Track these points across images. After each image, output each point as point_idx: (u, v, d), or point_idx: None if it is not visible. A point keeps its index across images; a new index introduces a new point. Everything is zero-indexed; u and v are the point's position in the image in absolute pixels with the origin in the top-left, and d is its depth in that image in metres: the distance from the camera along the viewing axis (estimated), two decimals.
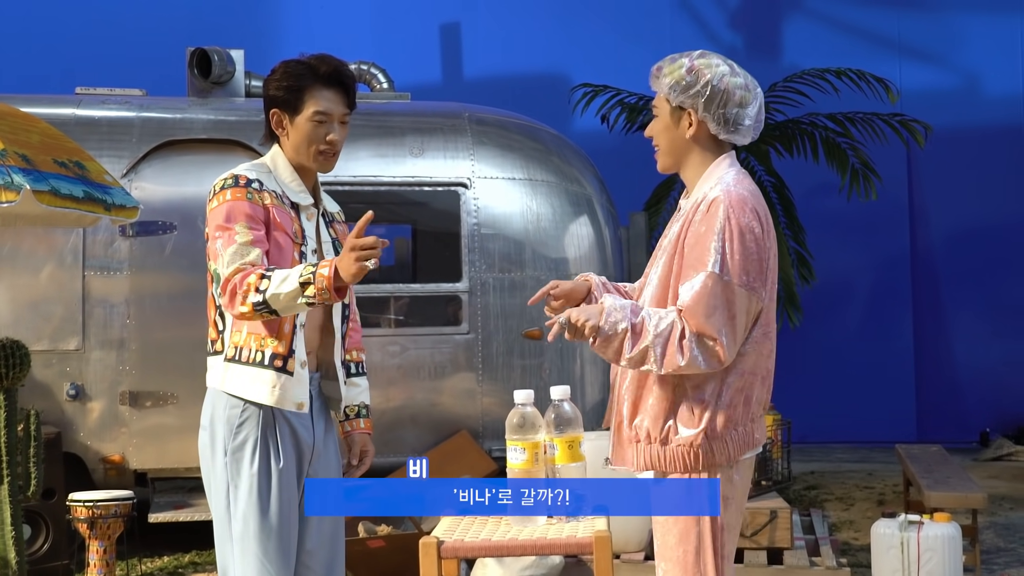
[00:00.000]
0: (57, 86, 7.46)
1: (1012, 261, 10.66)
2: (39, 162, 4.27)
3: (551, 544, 2.36)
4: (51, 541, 5.84)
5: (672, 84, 2.73)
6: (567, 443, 2.45)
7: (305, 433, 3.04)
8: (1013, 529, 6.71)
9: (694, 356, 2.53)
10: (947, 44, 10.88)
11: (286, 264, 2.94)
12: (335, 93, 3.08)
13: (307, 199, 3.10)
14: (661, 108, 2.78)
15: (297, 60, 3.11)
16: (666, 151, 2.81)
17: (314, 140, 3.05)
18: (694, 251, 2.61)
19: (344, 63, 3.14)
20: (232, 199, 2.95)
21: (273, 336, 2.96)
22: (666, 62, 2.78)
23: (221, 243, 2.89)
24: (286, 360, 2.97)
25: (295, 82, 3.05)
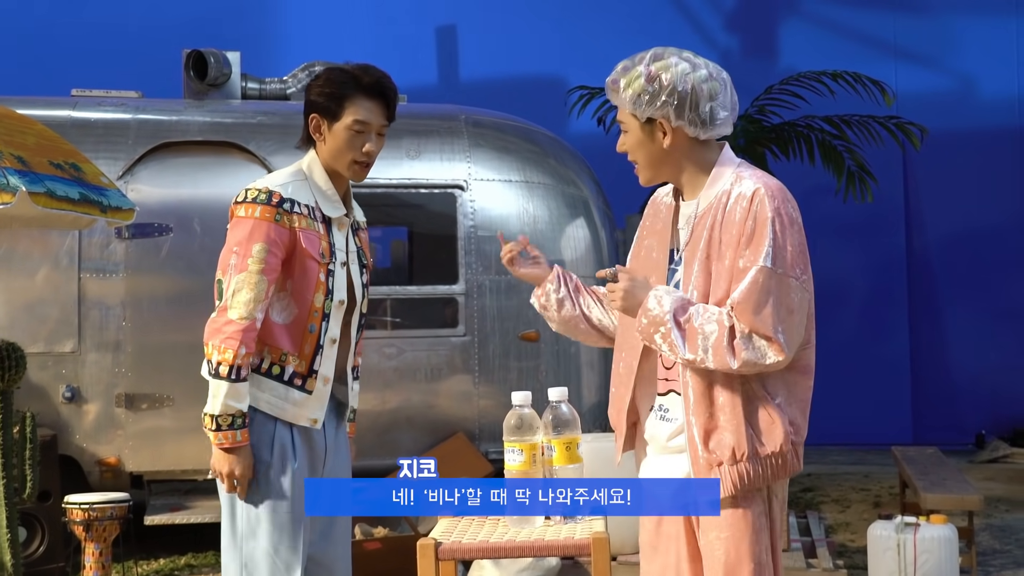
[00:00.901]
0: (53, 88, 7.44)
1: (1008, 263, 10.67)
2: (35, 164, 4.27)
3: (548, 546, 2.36)
4: (47, 544, 5.83)
5: (634, 98, 2.57)
6: (564, 444, 2.45)
7: (317, 436, 3.09)
8: (1009, 531, 6.72)
9: (748, 356, 2.45)
10: (943, 47, 10.90)
11: (310, 287, 3.00)
12: (376, 104, 3.10)
13: (340, 210, 3.12)
14: (629, 123, 2.63)
15: (341, 68, 3.13)
16: (646, 165, 2.67)
17: (351, 149, 3.07)
18: (743, 247, 2.49)
19: (387, 75, 3.17)
20: (260, 218, 2.97)
21: (295, 354, 3.00)
22: (620, 73, 2.62)
23: (235, 261, 2.95)
24: (305, 379, 3.03)
25: (337, 89, 3.07)
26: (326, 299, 3.04)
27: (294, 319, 3.00)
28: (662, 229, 2.71)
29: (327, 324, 3.05)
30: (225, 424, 2.91)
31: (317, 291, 3.02)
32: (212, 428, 2.93)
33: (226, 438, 2.92)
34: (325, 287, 3.03)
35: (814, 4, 11.20)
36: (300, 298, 3.00)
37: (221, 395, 2.90)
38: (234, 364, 2.90)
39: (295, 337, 3.00)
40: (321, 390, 3.06)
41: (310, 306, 3.01)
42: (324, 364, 3.06)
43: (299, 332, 3.01)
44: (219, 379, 2.91)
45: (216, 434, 2.92)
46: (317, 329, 3.03)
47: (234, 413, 2.92)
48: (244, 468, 2.95)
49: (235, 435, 2.93)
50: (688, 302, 2.53)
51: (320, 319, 3.03)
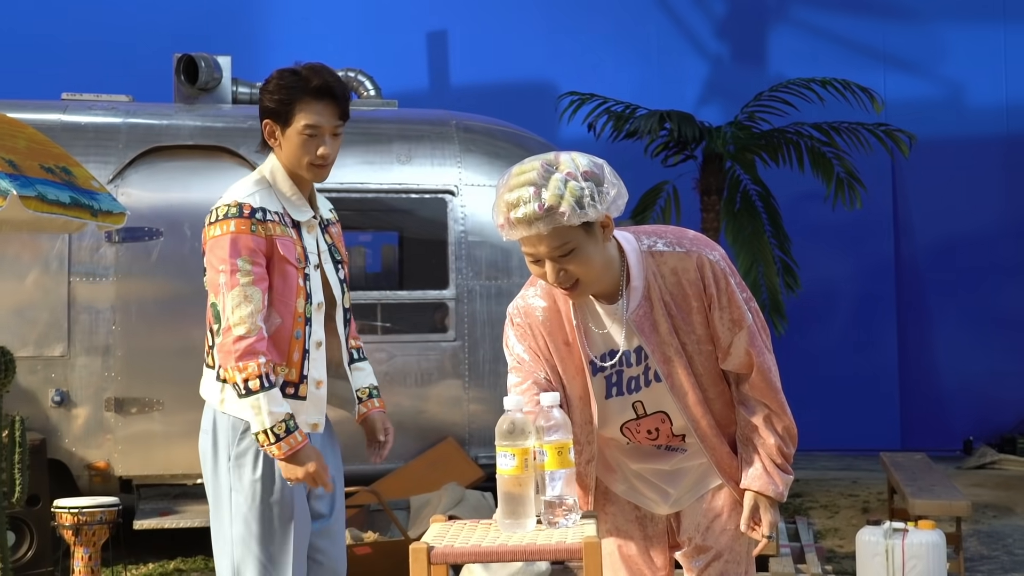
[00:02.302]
0: (43, 92, 7.43)
1: (996, 270, 10.71)
2: (26, 167, 4.26)
3: (540, 550, 2.37)
4: (36, 548, 5.82)
5: (576, 203, 2.35)
6: (557, 449, 2.45)
7: (312, 441, 3.08)
8: (996, 537, 6.74)
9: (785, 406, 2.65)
10: (931, 55, 10.95)
11: (292, 293, 2.99)
12: (326, 106, 3.07)
13: (307, 213, 3.12)
14: (572, 240, 2.39)
15: (291, 71, 3.11)
16: (594, 278, 2.48)
17: (306, 152, 3.05)
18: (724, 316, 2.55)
19: (336, 75, 3.15)
20: (236, 231, 2.95)
21: (283, 363, 3.01)
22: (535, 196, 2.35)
23: (224, 280, 2.92)
24: (298, 386, 3.03)
25: (286, 95, 3.05)
26: (307, 303, 3.04)
27: (279, 328, 2.99)
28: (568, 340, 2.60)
29: (311, 328, 3.05)
30: (282, 432, 2.88)
31: (299, 296, 3.02)
32: (272, 442, 2.88)
33: (289, 444, 2.89)
34: (304, 291, 3.04)
35: (804, 11, 11.24)
36: (283, 306, 2.99)
37: (265, 407, 2.87)
38: (261, 374, 2.88)
39: (281, 346, 2.99)
40: (315, 394, 3.06)
41: (294, 312, 3.01)
42: (314, 368, 3.06)
43: (285, 340, 3.00)
44: (253, 394, 2.87)
45: (279, 445, 2.88)
46: (303, 335, 3.03)
47: (284, 418, 2.89)
48: (317, 462, 2.92)
49: (295, 437, 2.90)
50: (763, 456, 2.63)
51: (304, 324, 3.03)
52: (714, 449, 2.67)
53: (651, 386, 2.61)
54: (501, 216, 2.40)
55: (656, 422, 2.66)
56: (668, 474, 2.75)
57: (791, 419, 2.65)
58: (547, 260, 2.43)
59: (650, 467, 2.76)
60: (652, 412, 2.65)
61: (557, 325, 2.62)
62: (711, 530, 2.75)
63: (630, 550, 2.80)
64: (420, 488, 6.20)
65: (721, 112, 9.90)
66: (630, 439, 2.72)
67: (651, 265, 2.55)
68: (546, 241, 2.39)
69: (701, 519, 2.76)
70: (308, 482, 2.94)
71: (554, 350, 2.62)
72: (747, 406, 2.64)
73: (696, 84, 11.13)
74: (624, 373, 2.61)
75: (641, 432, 2.68)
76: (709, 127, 8.61)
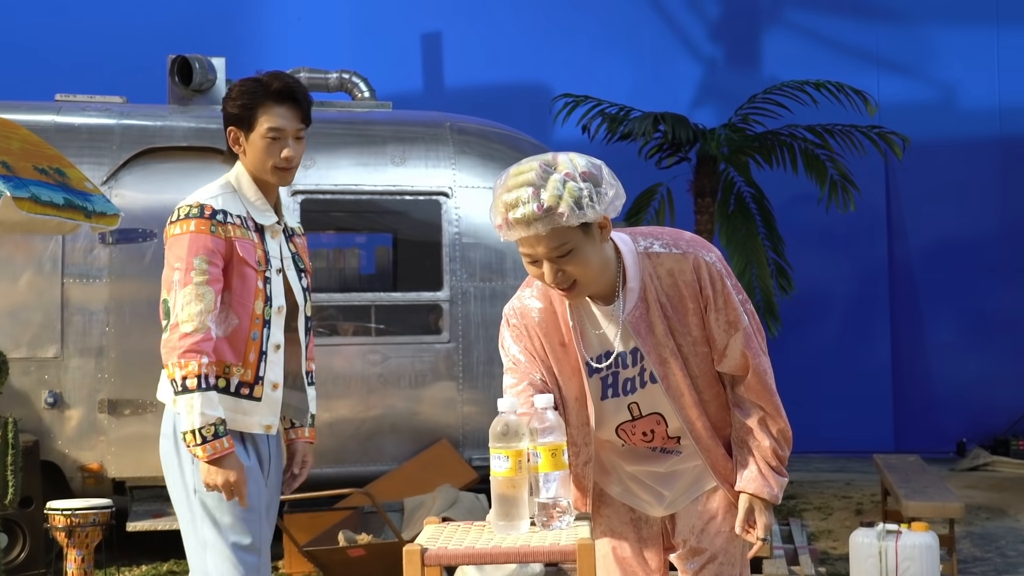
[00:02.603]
0: (37, 93, 7.42)
1: (989, 272, 10.74)
2: (19, 169, 4.26)
3: (534, 552, 2.37)
4: (28, 550, 5.80)
5: (575, 204, 2.35)
6: (550, 451, 2.45)
7: (263, 447, 3.13)
8: (989, 538, 6.75)
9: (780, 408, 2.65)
10: (925, 57, 10.97)
11: (250, 295, 3.03)
12: (288, 109, 3.11)
13: (271, 218, 3.15)
14: (571, 240, 2.38)
15: (252, 78, 3.15)
16: (591, 278, 2.48)
17: (269, 156, 3.10)
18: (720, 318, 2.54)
19: (297, 79, 3.19)
20: (196, 231, 3.01)
21: (238, 364, 3.03)
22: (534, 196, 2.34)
23: (178, 277, 2.98)
24: (252, 387, 3.05)
25: (248, 100, 3.10)
26: (266, 306, 3.07)
27: (235, 330, 3.02)
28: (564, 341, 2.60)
29: (269, 331, 3.08)
30: (210, 435, 2.91)
31: (257, 298, 3.05)
32: (198, 443, 2.91)
33: (214, 448, 2.92)
34: (264, 294, 3.06)
35: (797, 14, 11.25)
36: (241, 307, 3.02)
37: (197, 407, 2.90)
38: (200, 374, 2.91)
39: (237, 347, 3.02)
40: (271, 396, 3.08)
41: (251, 314, 3.04)
42: (270, 370, 3.08)
43: (241, 341, 3.02)
44: (189, 393, 2.91)
45: (204, 447, 2.91)
46: (260, 336, 3.05)
47: (214, 422, 2.92)
48: (238, 473, 2.96)
49: (221, 443, 2.93)
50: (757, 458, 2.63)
51: (262, 326, 3.06)
52: (709, 451, 2.67)
53: (647, 387, 2.61)
54: (499, 217, 2.39)
55: (651, 424, 2.66)
56: (663, 476, 2.75)
57: (786, 421, 2.65)
58: (545, 261, 2.42)
59: (645, 469, 2.76)
60: (647, 414, 2.65)
61: (553, 326, 2.61)
62: (706, 532, 2.75)
63: (624, 552, 2.80)
64: (414, 490, 6.20)
65: (715, 114, 9.91)
66: (625, 441, 2.71)
67: (647, 266, 2.55)
68: (544, 242, 2.38)
69: (696, 521, 2.76)
70: (225, 492, 2.95)
71: (550, 351, 2.62)
72: (742, 408, 2.64)
73: (690, 86, 11.14)
74: (620, 374, 2.61)
75: (636, 434, 2.68)
76: (703, 129, 8.62)
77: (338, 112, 7.21)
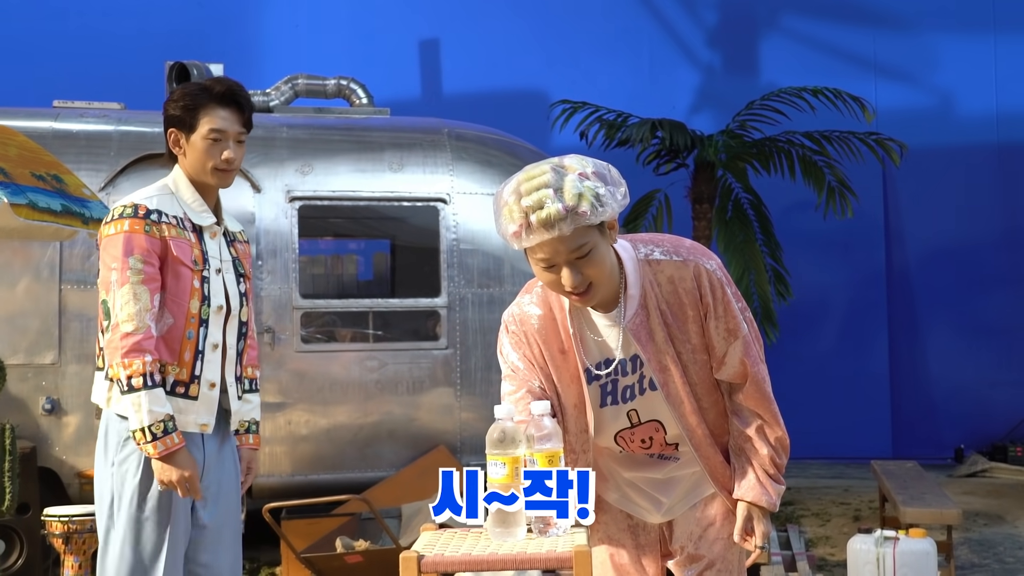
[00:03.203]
0: (35, 99, 7.42)
1: (986, 279, 10.74)
2: (17, 175, 4.26)
3: (531, 558, 2.37)
4: (25, 556, 5.79)
5: (595, 203, 2.35)
6: (547, 458, 2.45)
7: (195, 451, 3.10)
8: (987, 545, 6.75)
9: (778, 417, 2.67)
10: (922, 63, 10.99)
11: (185, 294, 3.04)
12: (230, 112, 3.15)
13: (209, 219, 3.17)
14: (590, 241, 2.38)
15: (194, 83, 3.20)
16: (605, 281, 2.47)
17: (210, 157, 3.13)
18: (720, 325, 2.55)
19: (240, 85, 3.23)
20: (130, 230, 3.03)
21: (174, 363, 3.04)
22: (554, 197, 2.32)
23: (116, 277, 2.99)
24: (188, 386, 3.06)
25: (191, 101, 3.14)
26: (203, 305, 3.09)
27: (170, 328, 3.04)
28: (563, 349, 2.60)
29: (206, 330, 3.10)
30: (160, 432, 2.92)
31: (193, 297, 3.06)
32: (148, 440, 2.92)
33: (165, 444, 2.93)
34: (201, 293, 3.08)
35: (795, 21, 11.27)
36: (176, 306, 3.04)
37: (145, 405, 2.92)
38: (145, 372, 2.93)
39: (172, 346, 3.03)
40: (207, 395, 3.09)
41: (187, 312, 3.06)
42: (207, 369, 3.10)
43: (177, 340, 3.04)
44: (135, 391, 2.92)
45: (154, 444, 2.92)
46: (196, 335, 3.07)
47: (163, 419, 2.93)
48: (191, 469, 2.97)
49: (172, 439, 2.94)
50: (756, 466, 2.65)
51: (198, 325, 3.08)
52: (708, 458, 2.67)
53: (646, 395, 2.62)
54: (517, 222, 2.34)
55: (650, 431, 2.67)
56: (661, 483, 2.75)
57: (784, 430, 2.66)
58: (565, 265, 2.39)
59: (643, 476, 2.76)
60: (646, 421, 2.65)
61: (552, 333, 2.61)
62: (704, 539, 2.75)
63: (622, 559, 2.81)
64: (411, 496, 6.20)
65: (713, 121, 9.92)
66: (623, 448, 2.72)
67: (648, 273, 2.55)
68: (567, 242, 2.36)
69: (694, 528, 2.76)
70: (179, 488, 2.96)
71: (549, 359, 2.61)
72: (740, 416, 2.65)
73: (688, 93, 11.15)
74: (619, 382, 2.61)
75: (635, 441, 2.69)
76: (701, 135, 8.63)
77: (336, 118, 7.21)
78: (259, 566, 6.26)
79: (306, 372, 6.52)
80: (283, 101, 7.44)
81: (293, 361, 6.51)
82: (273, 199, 6.56)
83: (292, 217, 6.59)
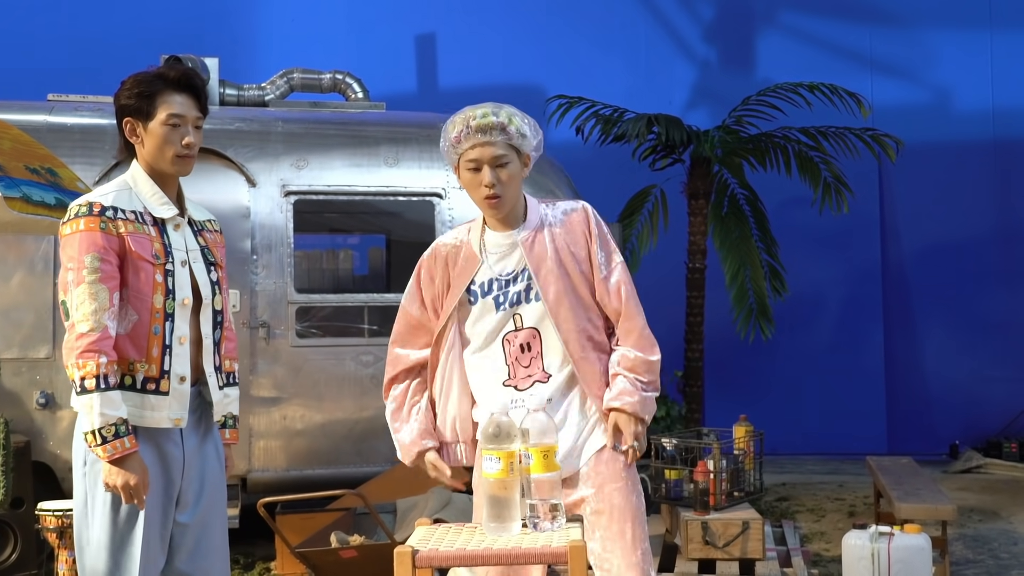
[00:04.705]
0: (29, 92, 7.40)
1: (981, 275, 10.76)
2: (11, 169, 4.25)
3: (525, 554, 2.36)
4: (19, 551, 5.78)
5: (520, 132, 3.05)
6: (542, 453, 2.46)
7: (172, 448, 3.08)
8: (982, 541, 6.76)
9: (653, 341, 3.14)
10: (918, 59, 10.99)
11: (147, 290, 3.02)
12: (187, 98, 3.14)
13: (170, 211, 3.14)
14: (510, 156, 3.06)
15: (146, 70, 3.17)
16: (513, 197, 3.11)
17: (170, 144, 3.11)
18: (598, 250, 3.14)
19: (194, 70, 3.21)
20: (85, 229, 3.00)
21: (142, 360, 3.01)
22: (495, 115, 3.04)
23: (72, 277, 2.97)
24: (159, 381, 3.03)
25: (146, 88, 3.11)
26: (167, 299, 3.05)
27: (135, 325, 3.01)
28: (466, 266, 3.16)
29: (172, 324, 3.06)
30: (110, 435, 2.89)
31: (156, 292, 3.03)
32: (98, 443, 2.89)
33: (115, 448, 2.89)
34: (164, 287, 3.05)
35: (791, 16, 11.27)
36: (139, 302, 3.01)
37: (96, 407, 2.89)
38: (99, 374, 2.89)
39: (139, 343, 3.01)
40: (178, 389, 3.06)
41: (151, 308, 3.03)
42: (176, 363, 3.06)
43: (143, 337, 3.01)
44: (88, 393, 2.89)
45: (104, 447, 2.89)
46: (162, 330, 3.04)
47: (115, 422, 2.90)
48: (140, 475, 2.93)
49: (123, 443, 2.90)
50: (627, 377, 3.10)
51: (163, 320, 3.04)
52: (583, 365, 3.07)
53: (531, 304, 3.10)
54: (459, 126, 3.04)
55: (529, 336, 3.10)
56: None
57: (656, 354, 3.13)
58: (486, 166, 3.03)
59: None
60: (528, 326, 3.10)
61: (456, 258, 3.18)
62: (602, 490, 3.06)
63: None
64: (406, 491, 6.19)
65: (709, 116, 9.92)
66: (507, 354, 3.10)
67: (545, 210, 3.20)
68: (493, 148, 3.03)
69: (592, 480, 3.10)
70: (124, 494, 2.93)
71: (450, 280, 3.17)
72: (620, 339, 3.14)
73: (684, 88, 11.15)
74: (510, 290, 3.11)
75: (515, 344, 3.09)
76: (697, 131, 8.63)
77: (331, 113, 7.20)
78: (254, 561, 6.26)
79: (301, 367, 6.51)
80: (279, 95, 7.43)
81: (288, 356, 6.51)
82: (268, 193, 6.55)
83: (287, 212, 6.58)
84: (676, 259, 9.15)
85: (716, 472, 5.35)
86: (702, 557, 5.22)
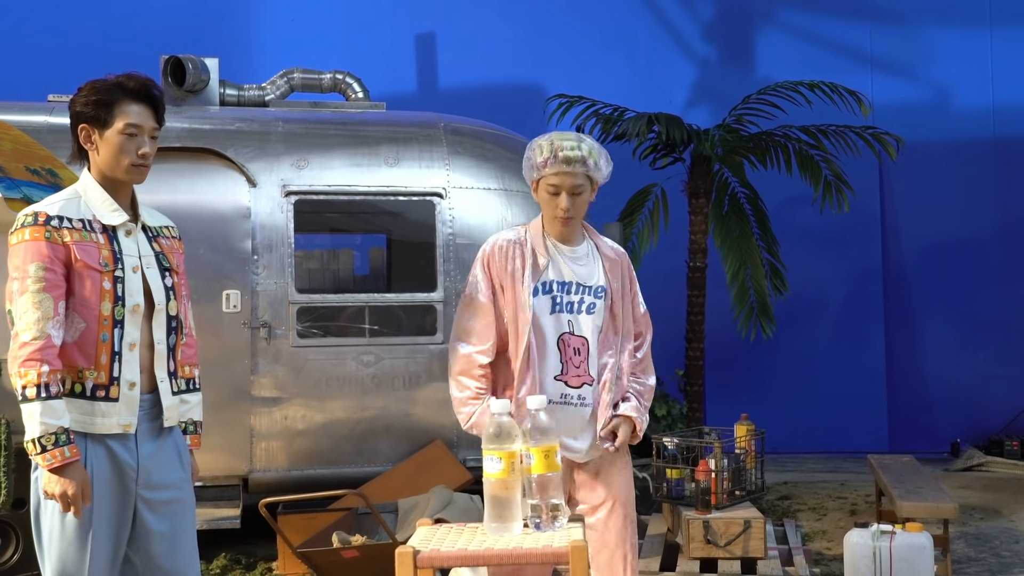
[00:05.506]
0: (29, 93, 7.40)
1: (982, 273, 10.75)
2: (11, 169, 4.25)
3: (527, 553, 2.36)
4: (21, 552, 5.79)
5: (598, 166, 3.45)
6: (543, 453, 2.45)
7: (126, 454, 3.07)
8: (983, 539, 6.76)
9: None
10: (919, 57, 10.98)
11: (94, 297, 3.01)
12: (144, 108, 3.15)
13: (120, 217, 3.14)
14: (586, 186, 3.46)
15: (104, 78, 3.16)
16: (580, 219, 3.54)
17: (125, 153, 3.11)
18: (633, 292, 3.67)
19: (153, 81, 3.21)
20: (30, 239, 3.00)
21: (91, 367, 3.01)
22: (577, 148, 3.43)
23: (17, 286, 2.97)
24: (108, 388, 3.03)
25: (105, 96, 3.11)
26: (116, 306, 3.05)
27: (83, 333, 3.01)
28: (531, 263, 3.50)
29: (121, 330, 3.05)
30: (50, 444, 2.89)
31: (104, 299, 3.03)
32: (38, 452, 2.89)
33: (55, 457, 2.89)
34: (112, 294, 3.04)
35: (792, 14, 11.26)
36: (86, 310, 3.01)
37: (37, 416, 2.88)
38: (40, 383, 2.90)
39: (87, 350, 3.00)
40: (128, 395, 3.05)
41: (98, 315, 3.02)
42: (126, 370, 3.05)
43: (91, 344, 3.01)
44: (30, 402, 2.90)
45: (44, 456, 2.89)
46: (110, 337, 3.03)
47: (55, 431, 2.89)
48: (78, 485, 2.93)
49: (63, 452, 2.90)
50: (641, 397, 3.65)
51: (112, 326, 3.04)
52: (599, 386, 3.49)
53: (582, 315, 3.49)
54: (546, 152, 3.44)
55: (580, 343, 3.48)
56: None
57: (654, 381, 3.68)
58: (565, 193, 3.43)
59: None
60: (579, 334, 3.49)
61: (517, 254, 3.51)
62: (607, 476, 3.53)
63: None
64: (408, 491, 6.19)
65: (709, 115, 9.92)
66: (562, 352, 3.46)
67: (592, 236, 3.66)
68: (573, 178, 3.43)
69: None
70: (61, 503, 2.93)
71: (508, 273, 3.48)
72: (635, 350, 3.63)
73: (684, 87, 11.14)
74: (566, 298, 3.49)
75: (571, 347, 3.47)
76: (697, 130, 8.62)
77: (332, 113, 7.20)
78: (255, 561, 6.26)
79: (302, 367, 6.51)
80: (279, 95, 7.42)
81: (289, 356, 6.50)
82: (269, 194, 6.55)
83: (288, 212, 6.57)
84: (677, 258, 9.15)
85: (717, 471, 5.35)
86: (704, 556, 5.22)
